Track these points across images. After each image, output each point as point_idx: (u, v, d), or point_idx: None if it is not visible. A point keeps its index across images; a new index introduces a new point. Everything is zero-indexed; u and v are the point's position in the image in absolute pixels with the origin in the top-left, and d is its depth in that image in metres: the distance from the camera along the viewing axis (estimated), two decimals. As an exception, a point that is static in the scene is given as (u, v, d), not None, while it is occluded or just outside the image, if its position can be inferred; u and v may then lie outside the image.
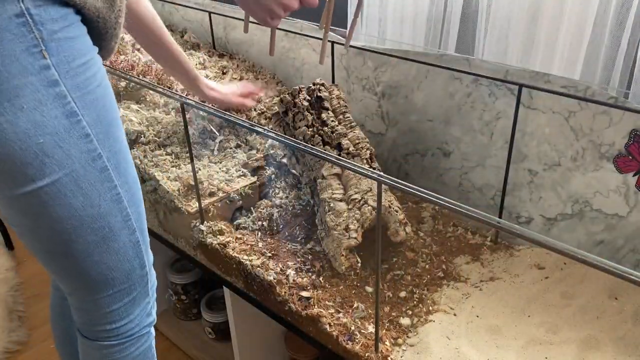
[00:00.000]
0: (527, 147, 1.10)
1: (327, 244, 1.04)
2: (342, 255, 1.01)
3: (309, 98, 1.17)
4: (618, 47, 1.09)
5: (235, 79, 1.60)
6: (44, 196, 0.68)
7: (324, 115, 1.15)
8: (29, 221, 0.72)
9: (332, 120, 1.14)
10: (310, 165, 1.14)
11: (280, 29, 1.50)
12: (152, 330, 0.91)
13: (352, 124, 1.16)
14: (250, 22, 1.00)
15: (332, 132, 1.13)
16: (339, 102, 1.19)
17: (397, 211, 1.04)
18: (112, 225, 0.76)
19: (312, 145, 1.12)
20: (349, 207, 1.03)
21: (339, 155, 1.10)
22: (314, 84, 1.19)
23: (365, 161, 1.10)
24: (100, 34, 0.72)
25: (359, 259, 1.03)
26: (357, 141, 1.12)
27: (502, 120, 1.12)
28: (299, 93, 1.17)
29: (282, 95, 1.20)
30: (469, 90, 1.15)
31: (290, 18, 1.48)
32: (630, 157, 0.97)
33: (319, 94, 1.17)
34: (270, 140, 1.32)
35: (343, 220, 1.01)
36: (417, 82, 1.24)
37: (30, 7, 0.61)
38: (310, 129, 1.14)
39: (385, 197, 1.05)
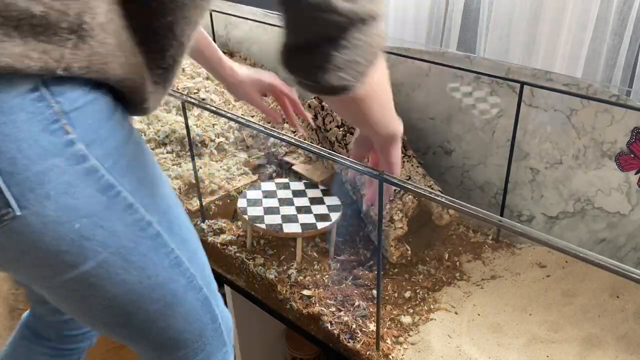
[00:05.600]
0: (528, 145, 1.09)
1: (375, 236, 1.05)
2: (392, 245, 1.02)
3: None
4: (620, 45, 1.09)
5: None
6: (91, 279, 0.60)
7: None
8: (79, 304, 0.64)
9: None
10: None
11: (281, 27, 1.50)
12: None
13: None
14: (251, 20, 1.00)
15: None
16: None
17: (437, 196, 1.05)
18: (175, 290, 0.68)
19: (344, 143, 1.14)
20: (390, 198, 1.04)
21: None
22: None
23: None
24: (134, 102, 0.61)
25: (408, 247, 1.04)
26: None
27: (503, 118, 1.12)
28: None
29: (309, 101, 1.21)
30: (470, 88, 1.15)
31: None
32: (632, 155, 0.97)
33: None
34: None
35: (387, 212, 1.02)
36: (419, 80, 1.24)
37: (46, 78, 0.51)
38: (341, 129, 1.15)
39: (425, 183, 1.06)
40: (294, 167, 1.27)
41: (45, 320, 0.99)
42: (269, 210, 1.08)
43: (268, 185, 1.16)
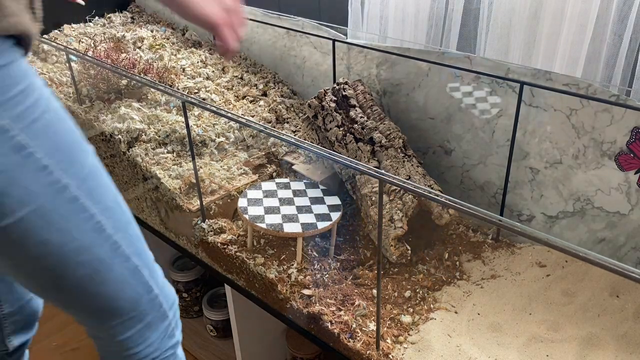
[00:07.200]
0: (528, 145, 1.10)
1: (375, 236, 1.05)
2: (392, 245, 1.02)
3: (335, 98, 1.18)
4: (620, 45, 1.09)
5: (236, 77, 1.60)
6: (13, 235, 0.63)
7: (352, 113, 1.16)
8: (8, 260, 0.67)
9: (361, 117, 1.16)
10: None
11: (281, 27, 1.50)
12: (179, 350, 0.85)
13: (381, 115, 1.18)
14: (251, 20, 1.00)
15: (363, 128, 1.14)
16: (364, 97, 1.20)
17: (437, 195, 1.05)
18: (101, 256, 0.70)
19: (344, 143, 1.14)
20: (390, 198, 1.04)
21: (373, 149, 1.11)
22: (337, 84, 1.20)
23: (399, 150, 1.11)
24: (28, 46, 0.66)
25: (408, 247, 1.04)
26: (388, 132, 1.13)
27: (503, 118, 1.12)
28: (324, 95, 1.19)
29: (309, 101, 1.21)
30: (470, 88, 1.15)
31: (292, 16, 1.48)
32: (632, 155, 0.97)
33: (344, 93, 1.18)
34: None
35: (387, 212, 1.03)
36: (419, 80, 1.24)
37: None
38: (341, 129, 1.15)
39: (425, 182, 1.07)
40: (294, 167, 1.27)
41: None
42: (270, 210, 1.08)
43: (268, 185, 1.16)
